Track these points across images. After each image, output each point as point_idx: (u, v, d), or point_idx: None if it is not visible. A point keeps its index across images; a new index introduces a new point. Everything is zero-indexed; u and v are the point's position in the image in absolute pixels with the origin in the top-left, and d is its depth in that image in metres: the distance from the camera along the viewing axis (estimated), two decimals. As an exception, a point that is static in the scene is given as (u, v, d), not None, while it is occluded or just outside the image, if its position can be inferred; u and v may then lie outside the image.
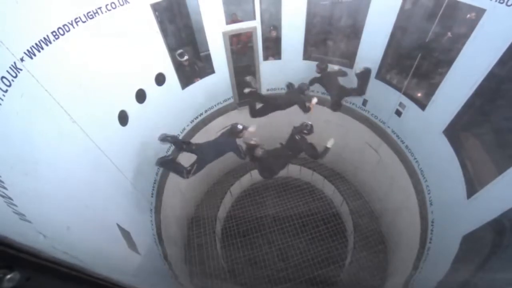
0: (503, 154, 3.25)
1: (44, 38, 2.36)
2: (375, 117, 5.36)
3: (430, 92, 4.00)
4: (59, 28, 2.53)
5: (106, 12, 3.11)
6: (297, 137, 4.33)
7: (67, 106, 2.54)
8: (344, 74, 5.09)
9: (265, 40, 5.34)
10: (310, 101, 4.93)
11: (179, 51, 4.73)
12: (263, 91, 6.09)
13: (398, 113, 4.69)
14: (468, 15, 3.38)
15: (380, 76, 4.81)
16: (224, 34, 4.86)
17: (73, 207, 2.37)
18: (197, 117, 5.58)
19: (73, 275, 1.12)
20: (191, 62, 4.98)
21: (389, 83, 4.72)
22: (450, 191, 3.71)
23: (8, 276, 0.77)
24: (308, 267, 5.80)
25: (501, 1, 2.78)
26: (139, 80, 3.92)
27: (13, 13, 2.09)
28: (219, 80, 5.42)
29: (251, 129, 4.25)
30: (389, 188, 5.61)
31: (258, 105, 5.30)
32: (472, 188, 3.32)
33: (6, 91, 1.93)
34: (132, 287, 1.75)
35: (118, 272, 2.26)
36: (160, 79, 4.34)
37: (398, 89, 4.55)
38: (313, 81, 5.24)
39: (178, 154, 4.74)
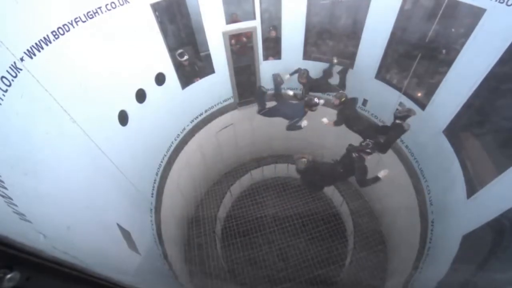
0: (503, 154, 3.25)
1: (44, 38, 2.36)
2: (375, 117, 5.36)
3: (430, 92, 4.00)
4: (59, 28, 2.53)
5: (106, 12, 3.11)
6: (354, 155, 3.87)
7: (67, 106, 2.54)
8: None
9: (265, 40, 5.34)
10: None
11: (179, 51, 4.73)
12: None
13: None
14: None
15: (380, 76, 4.81)
16: (224, 34, 4.86)
17: (73, 207, 2.37)
18: (197, 117, 5.58)
19: (73, 275, 1.12)
20: (191, 62, 4.98)
21: (389, 83, 4.72)
22: (450, 191, 3.71)
23: (8, 276, 0.77)
24: (308, 267, 5.80)
25: (501, 1, 2.78)
26: (139, 80, 3.92)
27: (13, 13, 2.09)
28: (219, 80, 5.42)
29: (325, 120, 4.75)
30: (389, 188, 5.61)
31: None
32: (472, 188, 3.32)
33: (6, 91, 1.93)
34: (132, 287, 1.75)
35: (118, 272, 2.26)
36: (160, 79, 4.34)
37: (398, 89, 4.55)
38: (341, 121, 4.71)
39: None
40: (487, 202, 3.06)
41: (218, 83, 5.44)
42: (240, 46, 5.59)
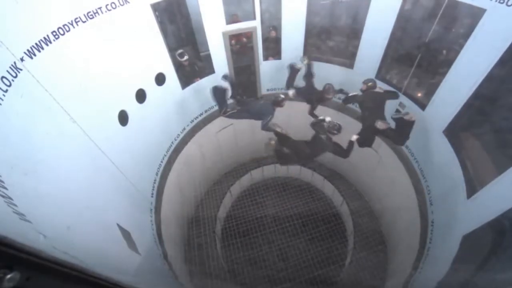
0: (503, 154, 3.25)
1: (44, 38, 2.37)
2: (375, 117, 5.35)
3: (430, 92, 4.00)
4: (59, 28, 2.53)
5: (106, 12, 3.11)
6: (322, 137, 4.05)
7: (67, 106, 2.54)
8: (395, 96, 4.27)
9: (265, 40, 5.34)
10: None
11: (179, 51, 4.73)
12: (263, 91, 6.10)
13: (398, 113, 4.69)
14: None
15: (380, 76, 4.80)
16: (224, 34, 4.86)
17: (73, 207, 2.37)
18: (197, 117, 5.59)
19: (73, 275, 1.12)
20: (191, 62, 4.98)
21: (389, 83, 4.72)
22: (450, 191, 3.71)
23: (8, 276, 0.77)
24: (308, 267, 5.80)
25: (501, 1, 2.78)
26: (139, 80, 3.92)
27: (13, 13, 2.09)
28: (219, 80, 5.42)
29: (291, 92, 4.65)
30: (389, 188, 5.61)
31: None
32: (472, 188, 3.32)
33: (6, 91, 1.93)
34: (132, 287, 1.75)
35: (118, 272, 2.26)
36: (160, 79, 4.34)
37: (398, 89, 4.55)
38: (351, 100, 4.55)
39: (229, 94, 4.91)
40: (487, 202, 3.06)
41: (218, 83, 5.44)
42: (240, 46, 5.59)
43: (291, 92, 4.81)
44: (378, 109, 4.18)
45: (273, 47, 5.51)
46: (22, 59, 2.12)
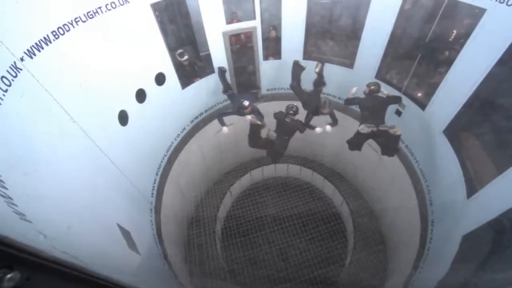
0: (503, 154, 3.25)
1: (44, 38, 2.36)
2: (375, 117, 5.35)
3: (430, 92, 4.00)
4: (59, 27, 2.53)
5: (106, 12, 3.11)
6: (287, 120, 4.39)
7: (67, 106, 2.54)
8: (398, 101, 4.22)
9: (265, 40, 5.34)
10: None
11: (179, 51, 4.73)
12: (263, 91, 6.09)
13: (398, 113, 4.69)
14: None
15: (380, 76, 4.80)
16: (224, 34, 4.86)
17: (73, 207, 2.37)
18: (197, 117, 5.58)
19: (73, 275, 1.12)
20: (191, 62, 4.99)
21: (389, 83, 4.72)
22: (450, 191, 3.71)
23: (8, 276, 0.77)
24: (308, 267, 5.80)
25: (501, 1, 2.78)
26: (139, 80, 3.92)
27: (13, 13, 2.09)
28: (219, 80, 5.42)
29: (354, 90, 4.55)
30: (389, 188, 5.61)
31: None
32: (472, 188, 3.32)
33: (6, 91, 1.93)
34: (132, 287, 1.75)
35: (118, 272, 2.27)
36: (160, 79, 4.34)
37: (398, 89, 4.55)
38: (352, 102, 4.51)
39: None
40: (487, 202, 3.06)
41: (218, 83, 5.44)
42: (240, 46, 5.59)
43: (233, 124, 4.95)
44: (377, 111, 4.16)
45: (273, 47, 5.51)
46: (22, 59, 2.12)
